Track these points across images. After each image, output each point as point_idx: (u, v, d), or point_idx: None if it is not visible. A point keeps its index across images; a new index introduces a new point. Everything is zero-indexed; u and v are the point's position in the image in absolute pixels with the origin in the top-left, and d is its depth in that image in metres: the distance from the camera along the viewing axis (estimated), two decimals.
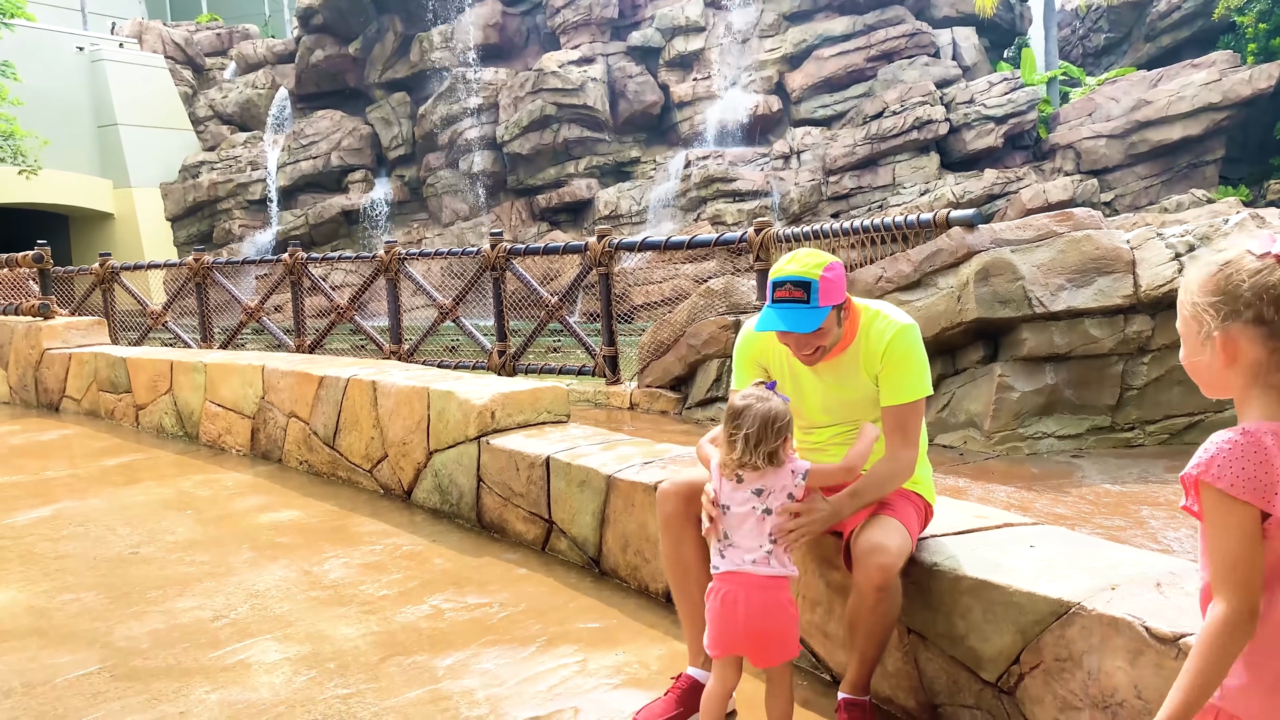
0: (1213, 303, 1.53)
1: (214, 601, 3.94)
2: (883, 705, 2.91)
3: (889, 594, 2.68)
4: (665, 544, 3.07)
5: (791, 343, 2.83)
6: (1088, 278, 6.09)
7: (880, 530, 2.72)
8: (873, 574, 2.65)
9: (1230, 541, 1.48)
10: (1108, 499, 5.14)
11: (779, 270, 2.79)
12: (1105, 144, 23.80)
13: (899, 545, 2.69)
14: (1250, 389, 1.53)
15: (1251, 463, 1.46)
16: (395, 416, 5.36)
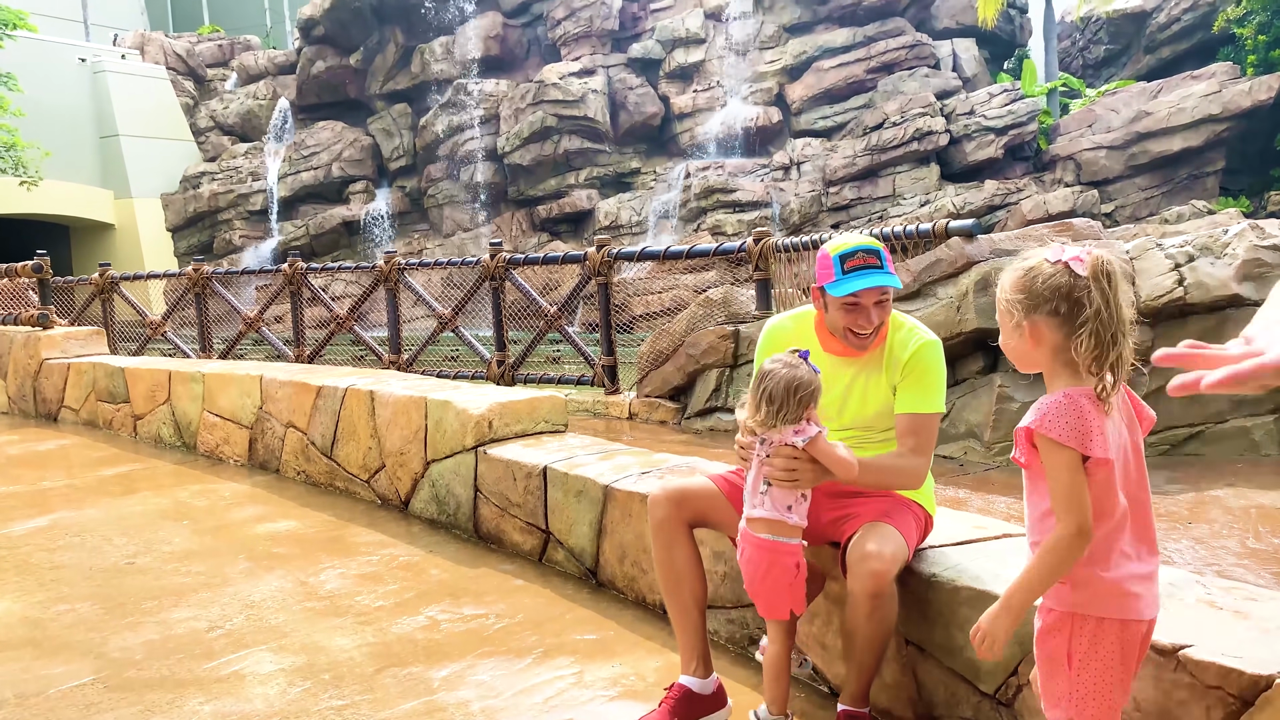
0: (1020, 299, 1.95)
1: (209, 612, 3.92)
2: (880, 717, 2.88)
3: (884, 601, 2.66)
4: (657, 550, 3.05)
5: (864, 316, 2.81)
6: None
7: (875, 537, 2.70)
8: (866, 581, 2.63)
9: (1064, 477, 1.89)
10: None
11: (842, 245, 2.84)
12: (1106, 155, 23.83)
13: (893, 552, 2.67)
14: (1054, 365, 1.96)
15: (1072, 416, 1.89)
16: (393, 426, 5.34)
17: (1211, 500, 5.21)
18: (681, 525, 2.99)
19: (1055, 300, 1.91)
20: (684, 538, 3.00)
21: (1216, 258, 6.19)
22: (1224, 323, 6.14)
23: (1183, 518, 4.95)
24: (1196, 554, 4.41)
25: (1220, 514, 4.99)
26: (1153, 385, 6.22)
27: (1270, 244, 6.21)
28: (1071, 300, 1.91)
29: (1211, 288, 6.07)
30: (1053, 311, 1.92)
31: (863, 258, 2.81)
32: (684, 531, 3.00)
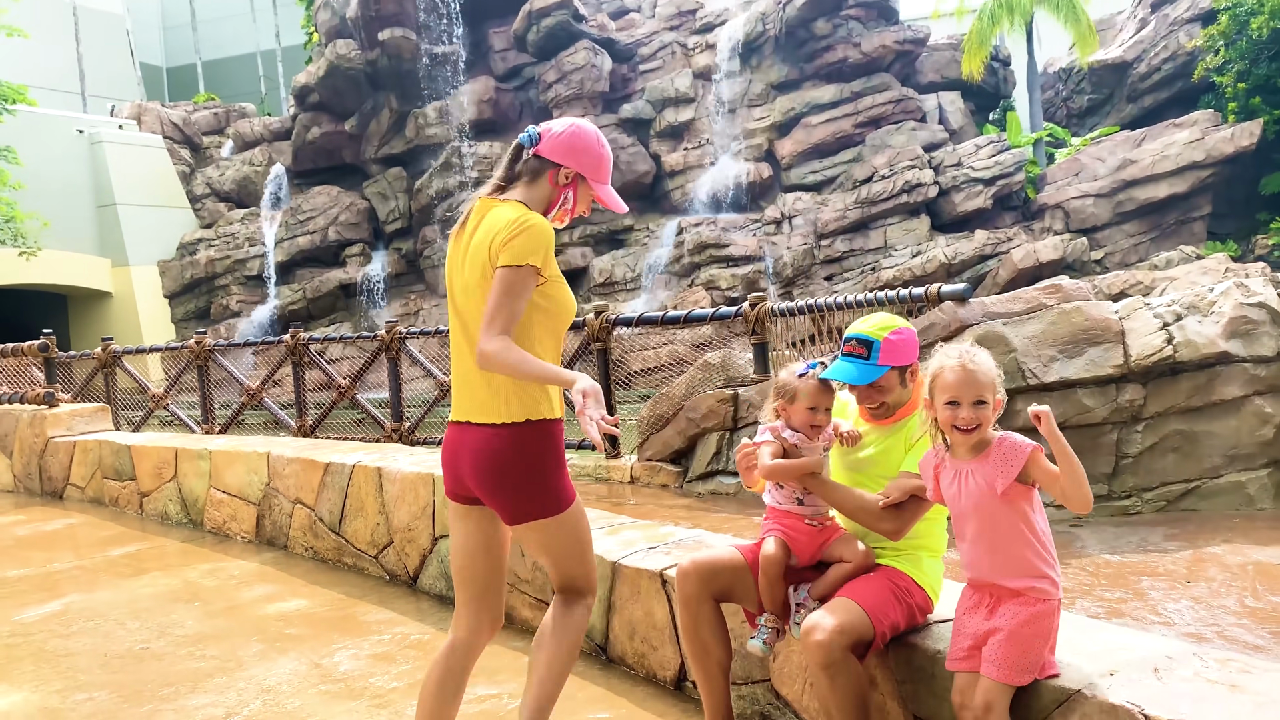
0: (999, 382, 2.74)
1: (226, 698, 3.97)
2: None
3: (837, 672, 2.74)
4: (684, 622, 3.15)
5: (858, 393, 3.04)
6: (1079, 348, 6.21)
7: (827, 608, 2.81)
8: (811, 652, 2.75)
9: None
10: (1108, 570, 5.20)
11: (852, 328, 3.09)
12: (1093, 203, 24.18)
13: (840, 623, 2.74)
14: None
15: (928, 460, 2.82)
16: (400, 502, 5.42)
17: (1209, 558, 5.29)
18: (709, 599, 3.11)
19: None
20: (711, 611, 3.11)
21: (1204, 316, 6.33)
22: (1214, 379, 6.26)
23: (1181, 576, 5.03)
24: (1196, 614, 4.48)
25: (1218, 571, 5.07)
26: (1145, 443, 6.35)
27: (1255, 301, 6.36)
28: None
29: (1200, 346, 6.20)
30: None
31: (854, 346, 3.01)
32: (711, 605, 3.12)
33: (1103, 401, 6.20)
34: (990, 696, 2.59)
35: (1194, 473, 6.24)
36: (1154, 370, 6.20)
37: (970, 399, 2.67)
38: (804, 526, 3.09)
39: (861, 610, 2.82)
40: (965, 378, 2.66)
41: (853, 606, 2.83)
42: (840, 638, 2.74)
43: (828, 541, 3.09)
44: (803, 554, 3.09)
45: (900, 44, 26.01)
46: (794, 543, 3.08)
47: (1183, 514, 6.13)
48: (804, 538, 3.09)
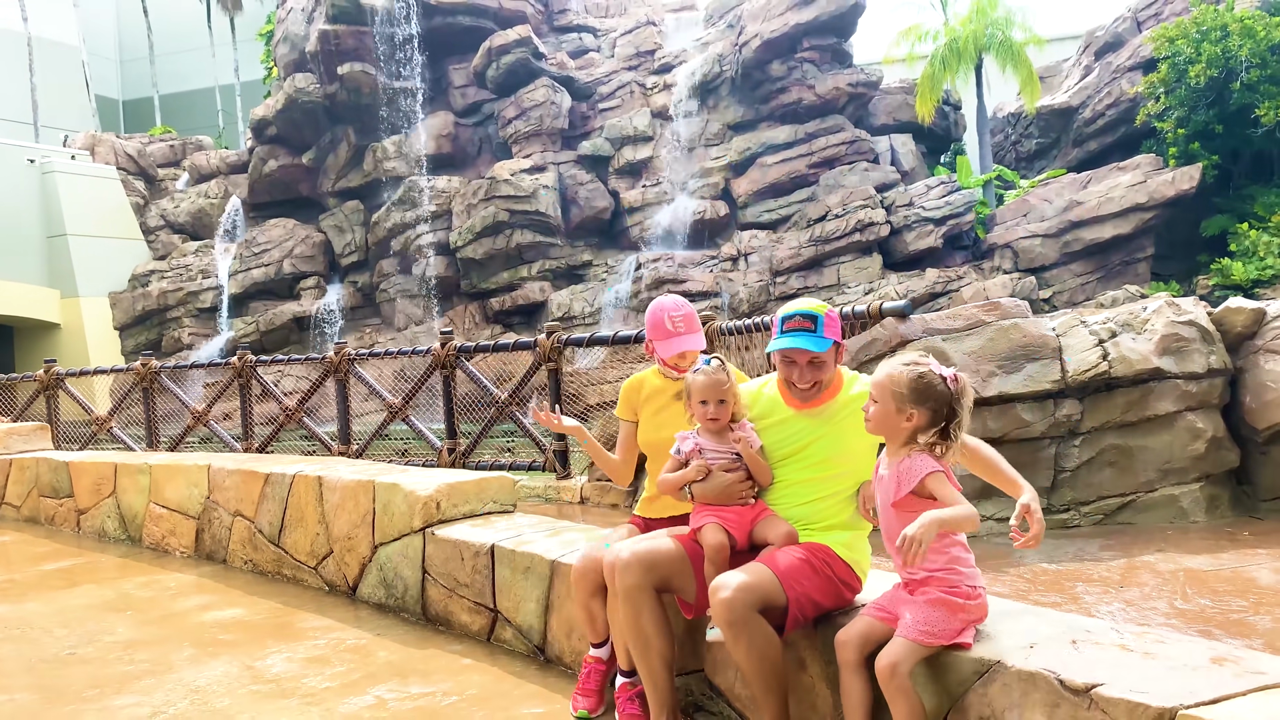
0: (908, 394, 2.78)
1: (152, 699, 3.89)
2: None
3: (741, 631, 2.78)
4: (625, 614, 3.13)
5: (798, 372, 3.09)
6: (1017, 364, 6.32)
7: (736, 571, 2.89)
8: (716, 609, 2.82)
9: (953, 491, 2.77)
10: (1045, 577, 5.26)
11: (787, 308, 3.16)
12: (1041, 243, 24.69)
13: (745, 581, 2.82)
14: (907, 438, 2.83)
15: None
16: (340, 511, 5.37)
17: (1142, 565, 5.38)
18: (649, 590, 3.11)
19: (937, 403, 2.77)
20: (652, 602, 3.12)
21: (1138, 334, 6.48)
22: (1147, 395, 6.40)
23: (1115, 582, 5.11)
24: (1127, 615, 4.55)
25: (1150, 577, 5.15)
26: (1083, 457, 6.46)
27: (1186, 319, 6.53)
28: (946, 405, 2.77)
29: (1134, 362, 6.34)
30: (932, 409, 2.78)
31: (799, 321, 3.09)
32: (652, 595, 3.12)
33: (1041, 416, 6.31)
34: (896, 655, 2.63)
35: (1129, 486, 6.35)
36: (1090, 385, 6.33)
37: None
38: (735, 508, 3.13)
39: (770, 574, 2.88)
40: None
41: (762, 569, 2.89)
42: (744, 595, 2.79)
43: (757, 519, 3.12)
44: (738, 534, 3.13)
45: (854, 87, 26.51)
46: (729, 524, 3.13)
47: (1119, 526, 6.24)
48: (735, 517, 3.13)
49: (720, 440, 3.23)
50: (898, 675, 2.62)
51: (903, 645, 2.65)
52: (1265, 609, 4.55)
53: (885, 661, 2.63)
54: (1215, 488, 6.44)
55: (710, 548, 3.09)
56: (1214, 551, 5.58)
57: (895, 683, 2.62)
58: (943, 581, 2.75)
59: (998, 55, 26.39)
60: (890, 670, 2.62)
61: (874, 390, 2.83)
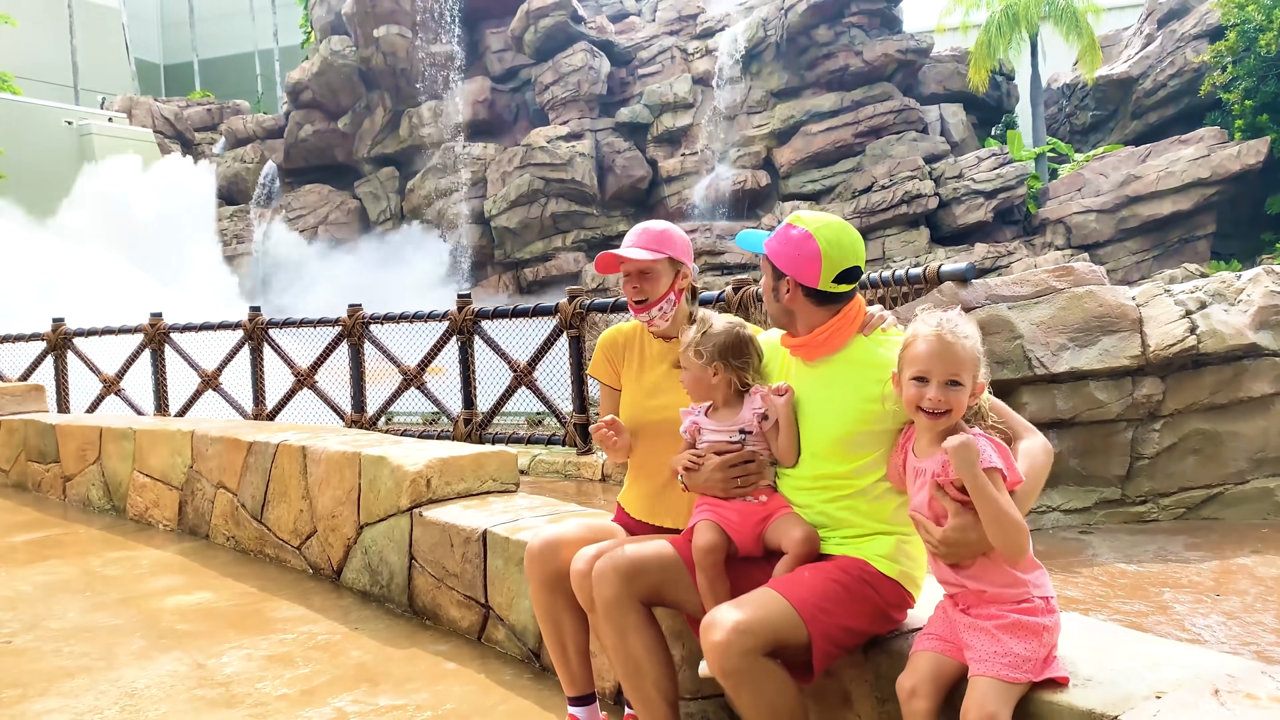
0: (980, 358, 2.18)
1: (79, 702, 3.33)
2: None
3: (741, 682, 2.12)
4: (608, 635, 2.50)
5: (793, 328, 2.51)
6: (1091, 337, 5.60)
7: (736, 602, 2.21)
8: (707, 653, 2.15)
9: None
10: (1124, 580, 4.58)
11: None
12: (1095, 219, 23.65)
13: (745, 619, 2.13)
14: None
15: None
16: (325, 485, 4.79)
17: (1238, 569, 4.67)
18: (634, 605, 2.47)
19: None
20: (639, 619, 2.47)
21: (1231, 304, 5.73)
22: (1240, 374, 5.66)
23: (1208, 588, 4.41)
24: (1230, 631, 3.86)
25: (1249, 584, 4.45)
26: (1164, 443, 5.73)
27: None
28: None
29: (1226, 336, 5.59)
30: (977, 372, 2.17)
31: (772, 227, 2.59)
32: (639, 612, 2.47)
33: (1117, 396, 5.58)
34: (990, 703, 1.97)
35: (1217, 477, 5.62)
36: (1174, 362, 5.60)
37: (942, 377, 2.12)
38: (739, 504, 2.48)
39: (786, 604, 2.19)
40: (940, 350, 2.13)
41: (772, 598, 2.21)
42: (741, 639, 2.11)
43: (769, 519, 2.46)
44: (742, 538, 2.48)
45: (903, 54, 25.53)
46: (729, 524, 2.48)
47: (1204, 522, 5.52)
48: (738, 517, 2.48)
49: (725, 416, 2.58)
50: None
51: (992, 687, 1.99)
52: None
53: (981, 714, 1.98)
54: None
55: (697, 550, 2.44)
56: None
57: None
58: (1008, 598, 2.10)
59: (1057, 23, 25.24)
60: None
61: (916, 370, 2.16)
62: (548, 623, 2.80)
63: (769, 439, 2.52)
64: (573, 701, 2.80)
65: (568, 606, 2.72)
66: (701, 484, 2.54)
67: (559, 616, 2.76)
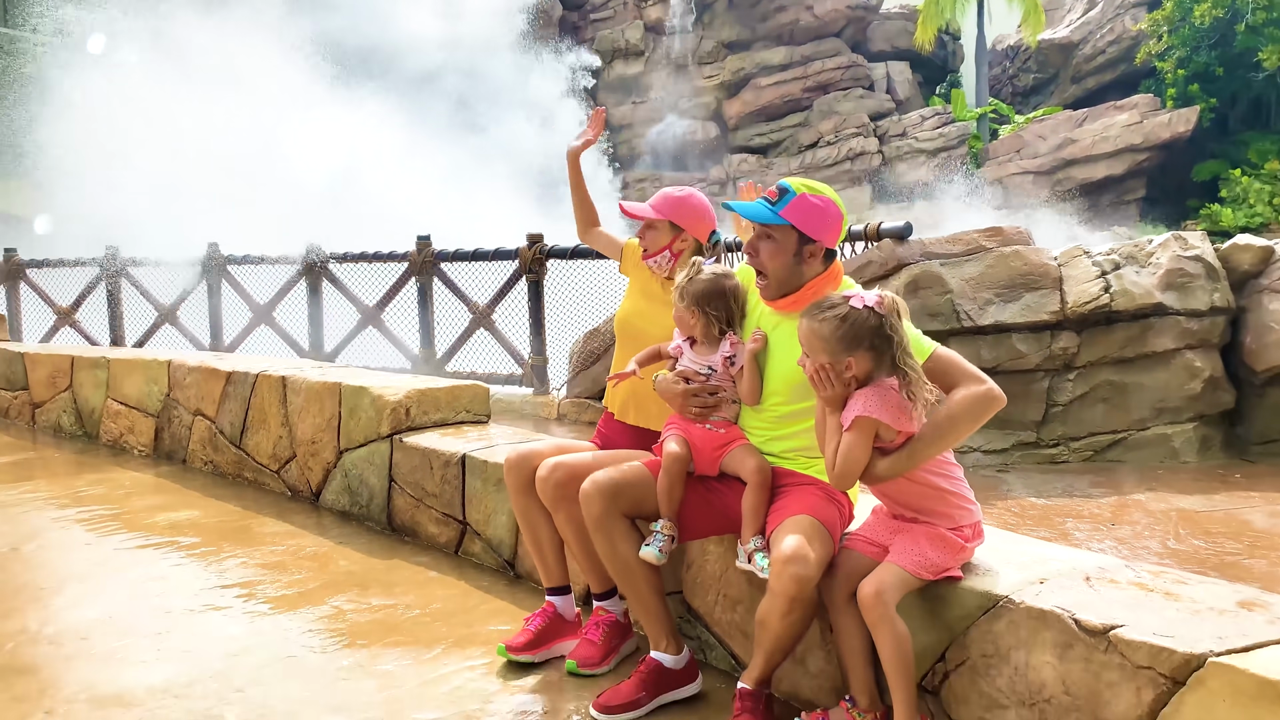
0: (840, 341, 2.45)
1: (97, 601, 3.66)
2: (805, 707, 2.76)
3: (804, 605, 2.52)
4: (600, 545, 2.87)
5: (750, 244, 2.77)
6: (1015, 293, 6.10)
7: (801, 536, 2.54)
8: (788, 584, 2.48)
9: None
10: (1033, 511, 5.11)
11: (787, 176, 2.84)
12: (1033, 180, 24.40)
13: (820, 556, 2.52)
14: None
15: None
16: (305, 414, 5.11)
17: (1134, 504, 5.24)
18: (618, 517, 2.85)
19: (873, 338, 2.44)
20: (624, 529, 2.86)
21: (1141, 266, 6.26)
22: (1147, 331, 6.21)
23: (1105, 519, 4.96)
24: (1120, 553, 4.39)
25: (1142, 516, 5.01)
26: (1076, 392, 6.28)
27: (1192, 254, 6.31)
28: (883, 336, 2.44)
29: (1136, 295, 6.13)
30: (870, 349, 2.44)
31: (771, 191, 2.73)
32: (622, 523, 2.86)
33: (1036, 348, 6.10)
34: (883, 583, 2.42)
35: (1122, 424, 6.19)
36: (1089, 319, 6.13)
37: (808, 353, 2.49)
38: (702, 430, 2.89)
39: (828, 535, 2.61)
40: (801, 331, 2.50)
41: (823, 533, 2.59)
42: (819, 572, 2.51)
43: (728, 447, 2.87)
44: (701, 458, 2.89)
45: (853, 9, 25.88)
46: (693, 447, 2.88)
47: (1109, 464, 6.09)
48: (700, 439, 2.89)
49: (702, 351, 2.93)
50: (882, 603, 2.40)
51: (892, 573, 2.44)
52: (1260, 552, 4.42)
53: (870, 589, 2.41)
54: (1208, 428, 6.29)
55: (665, 456, 2.85)
56: (1206, 493, 5.44)
57: (880, 610, 2.40)
58: (947, 517, 2.54)
59: None
60: (875, 598, 2.40)
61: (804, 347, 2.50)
62: (525, 524, 3.21)
63: (736, 379, 2.89)
64: (550, 591, 3.23)
65: (540, 509, 3.13)
66: (668, 399, 2.93)
67: (533, 519, 3.18)
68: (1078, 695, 2.17)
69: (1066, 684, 2.19)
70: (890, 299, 2.48)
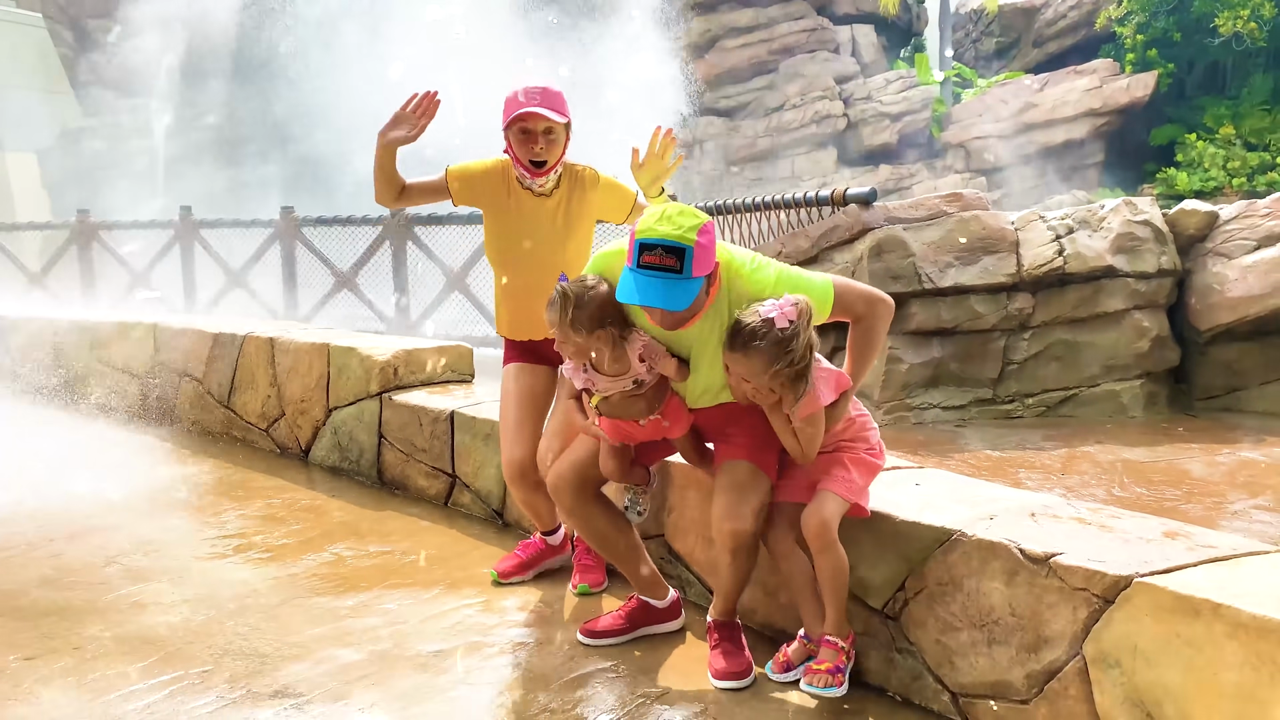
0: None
1: (106, 550, 3.85)
2: (776, 637, 3.03)
3: (745, 550, 2.75)
4: (578, 526, 3.04)
5: (655, 316, 2.60)
6: (974, 256, 6.37)
7: (734, 492, 2.71)
8: (727, 539, 2.71)
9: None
10: (988, 463, 5.41)
11: (648, 229, 2.50)
12: (995, 144, 24.71)
13: (756, 504, 2.71)
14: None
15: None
16: (294, 374, 5.29)
17: (1082, 455, 5.56)
18: (588, 498, 3.00)
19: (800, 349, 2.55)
20: (596, 506, 3.01)
21: (1094, 231, 6.55)
22: (1098, 292, 6.52)
23: (1055, 470, 5.27)
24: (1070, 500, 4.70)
25: (1090, 467, 5.33)
26: (1031, 351, 6.58)
27: (1141, 219, 6.61)
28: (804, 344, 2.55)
29: (1088, 259, 6.43)
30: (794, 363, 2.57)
31: (660, 256, 2.47)
32: (593, 501, 3.01)
33: (994, 309, 6.39)
34: (825, 512, 2.66)
35: (1073, 381, 6.51)
36: (1044, 281, 6.42)
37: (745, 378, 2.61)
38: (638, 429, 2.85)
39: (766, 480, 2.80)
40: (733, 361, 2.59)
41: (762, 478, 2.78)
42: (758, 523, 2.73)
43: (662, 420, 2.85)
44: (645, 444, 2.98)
45: None
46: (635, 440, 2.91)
47: (1061, 419, 6.42)
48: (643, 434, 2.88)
49: (614, 368, 2.73)
50: (827, 530, 2.65)
51: (831, 501, 2.69)
52: (1196, 498, 4.74)
53: (815, 521, 2.66)
54: (1155, 385, 6.63)
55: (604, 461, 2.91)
56: (1150, 445, 5.78)
57: (826, 538, 2.66)
58: (863, 441, 2.83)
59: None
60: (821, 527, 2.65)
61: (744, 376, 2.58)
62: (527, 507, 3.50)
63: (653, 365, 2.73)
64: (543, 534, 3.49)
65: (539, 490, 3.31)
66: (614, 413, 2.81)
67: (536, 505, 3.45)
68: (1022, 616, 2.45)
69: (1013, 606, 2.47)
70: (804, 305, 2.55)
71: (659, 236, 2.49)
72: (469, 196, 3.36)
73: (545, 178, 3.23)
